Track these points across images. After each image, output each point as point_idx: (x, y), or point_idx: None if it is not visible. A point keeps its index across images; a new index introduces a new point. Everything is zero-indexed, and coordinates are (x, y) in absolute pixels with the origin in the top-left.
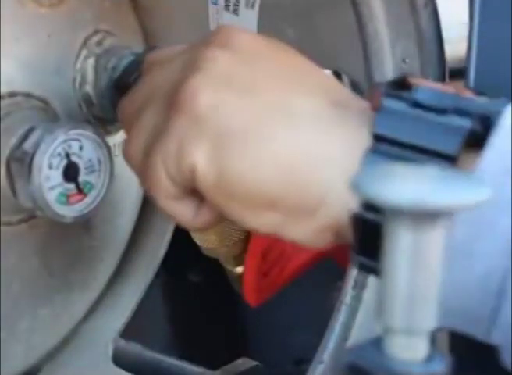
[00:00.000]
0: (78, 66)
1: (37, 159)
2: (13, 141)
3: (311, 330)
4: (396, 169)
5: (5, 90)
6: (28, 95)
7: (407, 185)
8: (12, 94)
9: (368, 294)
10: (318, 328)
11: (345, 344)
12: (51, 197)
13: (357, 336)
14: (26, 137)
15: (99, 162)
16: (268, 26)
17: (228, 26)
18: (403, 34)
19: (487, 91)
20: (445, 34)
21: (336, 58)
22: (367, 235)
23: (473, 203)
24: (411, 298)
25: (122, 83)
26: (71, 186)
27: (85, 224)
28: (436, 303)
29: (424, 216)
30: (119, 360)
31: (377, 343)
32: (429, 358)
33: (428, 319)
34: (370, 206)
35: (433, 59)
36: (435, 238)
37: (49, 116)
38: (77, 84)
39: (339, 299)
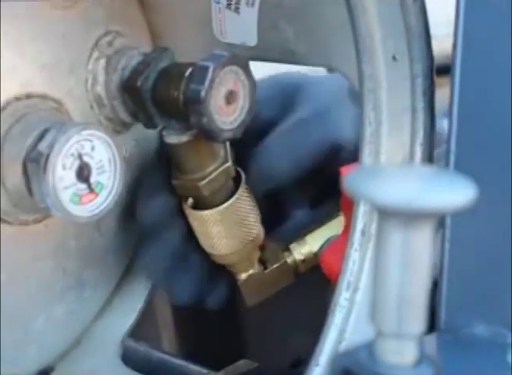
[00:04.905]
0: (90, 66)
1: (51, 160)
2: (29, 141)
3: (308, 332)
4: (387, 169)
5: (22, 91)
6: (44, 97)
7: (397, 185)
8: (28, 96)
9: (361, 297)
10: (316, 330)
11: (339, 347)
12: (65, 197)
13: (350, 339)
14: (41, 137)
15: (109, 162)
16: (268, 25)
17: None
18: (393, 31)
19: (472, 88)
20: (432, 31)
21: (329, 56)
22: None
23: (460, 204)
24: (402, 301)
25: (130, 84)
26: (83, 186)
27: (97, 224)
28: (425, 307)
29: (415, 217)
30: (127, 360)
31: (369, 347)
32: (418, 363)
33: (418, 323)
34: None
35: (421, 56)
36: (424, 239)
37: (63, 116)
38: (89, 85)
39: (333, 301)
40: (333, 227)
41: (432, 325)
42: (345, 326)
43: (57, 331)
